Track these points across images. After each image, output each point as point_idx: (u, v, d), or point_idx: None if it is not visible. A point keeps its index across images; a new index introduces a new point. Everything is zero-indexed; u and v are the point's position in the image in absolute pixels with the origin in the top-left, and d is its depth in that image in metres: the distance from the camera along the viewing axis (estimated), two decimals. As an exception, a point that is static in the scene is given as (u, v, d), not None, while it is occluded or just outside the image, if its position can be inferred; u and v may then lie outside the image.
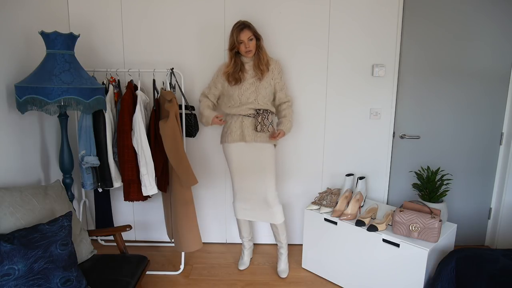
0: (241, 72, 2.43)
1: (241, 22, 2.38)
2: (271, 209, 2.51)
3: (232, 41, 2.38)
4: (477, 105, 2.81)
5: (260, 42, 2.43)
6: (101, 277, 1.88)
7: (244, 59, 2.44)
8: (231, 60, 2.42)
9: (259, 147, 2.48)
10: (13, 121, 2.10)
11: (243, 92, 2.44)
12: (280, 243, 2.65)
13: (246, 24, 2.37)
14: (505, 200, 2.86)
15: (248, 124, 2.46)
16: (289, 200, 2.99)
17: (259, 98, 2.44)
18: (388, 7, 2.67)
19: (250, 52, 2.38)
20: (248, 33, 2.35)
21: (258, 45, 2.42)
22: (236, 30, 2.36)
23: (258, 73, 2.42)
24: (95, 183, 2.57)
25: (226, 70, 2.45)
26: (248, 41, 2.35)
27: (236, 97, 2.45)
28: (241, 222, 2.70)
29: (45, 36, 2.02)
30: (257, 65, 2.42)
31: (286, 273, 2.65)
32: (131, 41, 2.78)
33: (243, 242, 2.78)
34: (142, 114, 2.42)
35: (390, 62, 2.74)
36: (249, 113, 2.45)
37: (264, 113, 2.46)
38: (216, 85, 2.53)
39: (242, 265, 2.75)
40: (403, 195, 2.95)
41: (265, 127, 2.46)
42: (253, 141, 2.46)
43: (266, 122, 2.46)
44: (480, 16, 2.67)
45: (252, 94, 2.43)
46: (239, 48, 2.38)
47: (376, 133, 2.86)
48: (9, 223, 1.69)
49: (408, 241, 2.16)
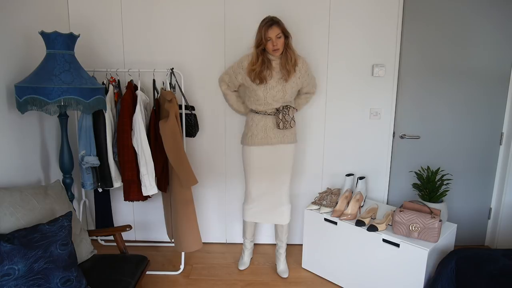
0: (268, 70, 2.30)
1: (270, 17, 2.25)
2: (281, 208, 2.51)
3: (259, 38, 2.25)
4: (477, 105, 2.81)
5: (288, 40, 2.29)
6: (101, 277, 1.88)
7: (271, 57, 2.31)
8: (257, 58, 2.28)
9: (284, 147, 2.45)
10: (13, 121, 2.10)
11: (269, 90, 2.33)
12: (281, 242, 2.65)
13: (275, 20, 2.24)
14: (505, 200, 2.86)
15: (270, 124, 2.40)
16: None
17: (286, 97, 2.37)
18: (388, 7, 2.67)
19: (278, 50, 2.25)
20: (276, 30, 2.21)
21: (287, 43, 2.29)
22: (264, 26, 2.22)
23: (285, 74, 2.32)
24: (95, 183, 2.56)
25: (252, 68, 2.31)
26: (276, 38, 2.22)
27: (261, 94, 2.33)
28: (248, 223, 2.68)
29: (45, 36, 2.02)
30: (284, 65, 2.30)
31: (287, 273, 2.65)
32: (131, 41, 2.78)
33: (245, 243, 2.77)
34: (142, 114, 2.42)
35: (390, 62, 2.74)
36: (270, 111, 2.41)
37: (284, 110, 2.38)
38: (237, 76, 2.42)
39: (242, 265, 2.75)
40: (403, 195, 2.95)
41: (287, 123, 2.38)
42: (279, 143, 2.43)
43: (288, 118, 2.38)
44: (480, 16, 2.67)
45: (278, 92, 2.34)
46: (266, 45, 2.25)
47: (376, 133, 2.86)
48: (9, 223, 1.69)
49: (408, 241, 2.16)
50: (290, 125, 2.40)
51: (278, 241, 2.68)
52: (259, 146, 2.43)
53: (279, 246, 2.68)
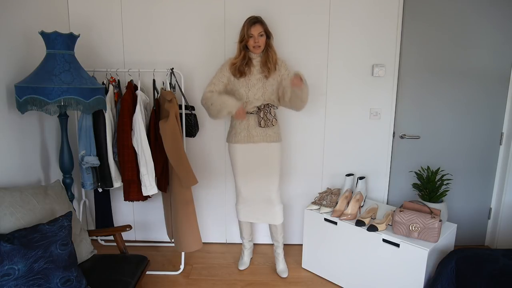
0: (247, 67, 2.40)
1: (254, 16, 2.37)
2: (274, 209, 2.51)
3: (243, 34, 2.36)
4: (477, 105, 2.81)
5: (270, 40, 2.41)
6: (101, 277, 1.88)
7: (252, 54, 2.41)
8: (240, 52, 2.40)
9: (267, 146, 2.47)
10: (13, 121, 2.10)
11: (250, 88, 2.41)
12: (277, 242, 2.65)
13: (259, 19, 2.36)
14: (505, 200, 2.86)
15: (252, 123, 2.45)
16: (289, 200, 2.99)
17: (266, 94, 2.43)
18: (388, 7, 2.67)
19: (259, 48, 2.36)
20: (259, 28, 2.33)
21: (268, 43, 2.40)
22: (248, 23, 2.34)
23: (265, 71, 2.41)
24: (95, 183, 2.56)
25: (233, 62, 2.42)
26: (258, 36, 2.33)
27: (243, 92, 2.41)
28: (243, 223, 2.70)
29: (45, 36, 2.02)
30: (264, 63, 2.40)
31: (286, 272, 2.65)
32: (131, 41, 2.78)
33: (244, 243, 2.78)
34: (142, 114, 2.42)
35: (390, 62, 2.74)
36: (252, 110, 2.45)
37: (265, 108, 2.44)
38: (221, 79, 2.46)
39: (242, 265, 2.75)
40: (403, 195, 2.95)
41: (269, 122, 2.44)
42: (262, 142, 2.46)
43: (269, 116, 2.44)
44: (480, 16, 2.67)
45: (259, 90, 2.41)
46: (248, 42, 2.36)
47: (376, 133, 2.86)
48: (9, 223, 1.69)
49: (408, 241, 2.16)
50: (272, 123, 2.46)
51: (274, 241, 2.69)
52: (242, 144, 2.48)
53: (276, 246, 2.68)
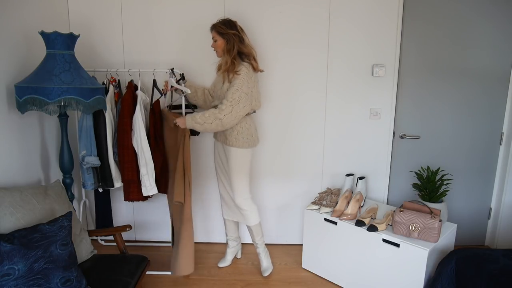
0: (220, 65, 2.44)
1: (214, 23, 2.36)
2: (242, 212, 2.52)
3: None
4: (477, 105, 2.81)
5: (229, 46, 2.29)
6: (101, 277, 1.88)
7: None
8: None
9: (227, 148, 2.45)
10: (13, 121, 2.10)
11: (216, 85, 2.48)
12: (256, 243, 2.64)
13: (214, 24, 2.36)
14: (505, 200, 2.86)
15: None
16: (289, 200, 2.99)
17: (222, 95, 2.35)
18: (388, 7, 2.67)
19: (216, 52, 2.40)
20: (212, 33, 2.36)
21: (226, 49, 2.30)
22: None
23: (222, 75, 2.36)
24: (96, 183, 2.57)
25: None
26: (213, 41, 2.37)
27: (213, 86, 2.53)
28: (226, 221, 2.73)
29: (45, 36, 2.02)
30: (219, 67, 2.41)
31: (268, 271, 2.63)
32: (131, 41, 2.78)
33: (227, 241, 2.79)
34: (142, 114, 2.42)
35: (390, 62, 2.74)
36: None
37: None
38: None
39: (222, 262, 2.75)
40: (403, 195, 2.95)
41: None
42: (222, 142, 2.48)
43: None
44: (480, 16, 2.67)
45: (219, 90, 2.41)
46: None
47: (376, 133, 2.86)
48: (9, 223, 1.69)
49: (408, 241, 2.16)
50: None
51: (253, 242, 2.67)
52: (214, 140, 2.60)
53: (255, 247, 2.66)
